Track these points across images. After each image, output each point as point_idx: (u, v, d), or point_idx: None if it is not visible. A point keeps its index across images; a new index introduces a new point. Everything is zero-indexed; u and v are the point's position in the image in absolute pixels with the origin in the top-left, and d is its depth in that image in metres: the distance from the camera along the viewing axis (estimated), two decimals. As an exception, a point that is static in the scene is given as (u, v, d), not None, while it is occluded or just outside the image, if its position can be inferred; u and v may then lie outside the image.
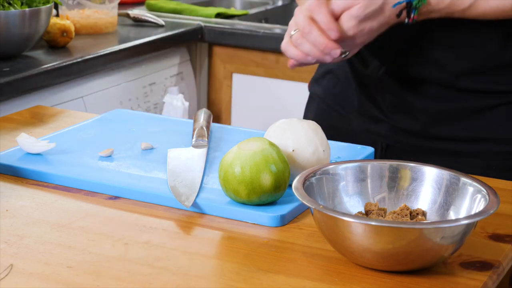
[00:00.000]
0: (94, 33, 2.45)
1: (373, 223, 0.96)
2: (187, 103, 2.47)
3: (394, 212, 1.09)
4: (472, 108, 1.44)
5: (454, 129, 1.45)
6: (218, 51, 2.66)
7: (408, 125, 1.45)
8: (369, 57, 1.50)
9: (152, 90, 2.47)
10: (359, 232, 0.97)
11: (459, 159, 1.43)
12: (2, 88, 1.92)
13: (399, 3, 1.32)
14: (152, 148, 1.35)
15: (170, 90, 2.52)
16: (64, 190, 1.23)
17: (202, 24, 2.62)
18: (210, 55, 2.67)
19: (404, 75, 1.46)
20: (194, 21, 2.66)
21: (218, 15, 2.74)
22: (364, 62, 1.51)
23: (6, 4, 2.05)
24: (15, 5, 2.06)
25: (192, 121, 1.46)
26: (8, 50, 2.07)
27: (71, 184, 1.24)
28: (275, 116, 1.69)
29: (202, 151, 1.32)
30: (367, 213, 1.10)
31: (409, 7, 1.32)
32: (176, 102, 2.43)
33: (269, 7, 3.00)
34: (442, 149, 1.45)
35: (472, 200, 1.06)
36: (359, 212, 1.10)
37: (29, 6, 2.08)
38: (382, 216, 1.08)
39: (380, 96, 1.49)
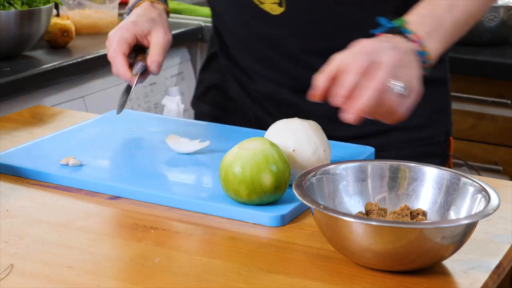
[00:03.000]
0: (94, 33, 2.44)
1: (373, 223, 0.96)
2: (182, 106, 2.45)
3: (395, 212, 1.09)
4: None
5: (359, 126, 1.44)
6: (218, 51, 2.65)
7: None
8: (255, 73, 1.49)
9: (152, 90, 2.46)
10: (359, 232, 0.97)
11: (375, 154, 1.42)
12: (2, 88, 1.92)
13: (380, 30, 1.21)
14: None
15: (170, 90, 2.51)
16: (64, 190, 1.23)
17: (202, 24, 2.61)
18: (210, 55, 2.66)
19: (293, 84, 1.46)
20: (194, 21, 2.65)
21: (218, 15, 2.73)
22: (250, 77, 1.51)
23: (6, 4, 2.05)
24: (15, 5, 2.06)
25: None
26: (8, 50, 2.07)
27: (71, 184, 1.23)
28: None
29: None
30: (367, 213, 1.10)
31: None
32: (171, 104, 2.42)
33: (269, 7, 2.99)
34: None
35: (472, 200, 1.06)
36: (359, 212, 1.10)
37: (30, 6, 2.08)
38: (382, 216, 1.08)
39: (275, 108, 1.49)
